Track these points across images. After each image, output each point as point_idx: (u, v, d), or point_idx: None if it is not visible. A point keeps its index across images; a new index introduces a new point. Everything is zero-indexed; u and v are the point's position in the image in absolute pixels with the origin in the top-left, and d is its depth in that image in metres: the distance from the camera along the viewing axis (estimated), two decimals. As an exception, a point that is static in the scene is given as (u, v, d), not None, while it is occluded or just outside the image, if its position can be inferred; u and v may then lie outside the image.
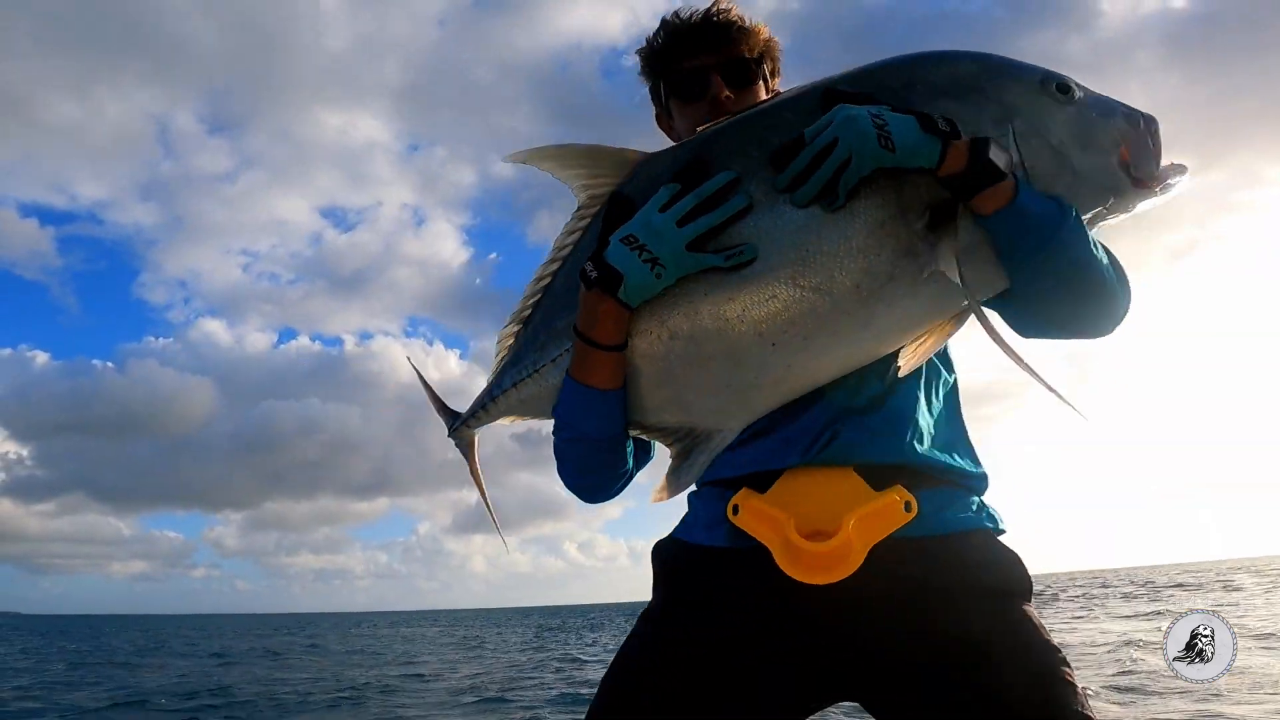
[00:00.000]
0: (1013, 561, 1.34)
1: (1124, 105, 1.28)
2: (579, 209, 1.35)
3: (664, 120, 1.65)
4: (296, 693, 13.13)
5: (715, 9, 1.55)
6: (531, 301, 1.40)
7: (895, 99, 1.20)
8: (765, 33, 1.57)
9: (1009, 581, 1.32)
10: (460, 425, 1.51)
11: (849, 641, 1.27)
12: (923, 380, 1.39)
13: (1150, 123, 1.26)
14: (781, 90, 1.55)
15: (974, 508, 1.36)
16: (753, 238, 1.19)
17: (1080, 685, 1.22)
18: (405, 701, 11.98)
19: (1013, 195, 1.13)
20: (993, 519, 1.37)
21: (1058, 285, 1.21)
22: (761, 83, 1.56)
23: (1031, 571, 1.36)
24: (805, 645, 1.29)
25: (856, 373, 1.29)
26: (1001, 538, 1.38)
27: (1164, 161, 1.26)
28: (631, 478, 1.45)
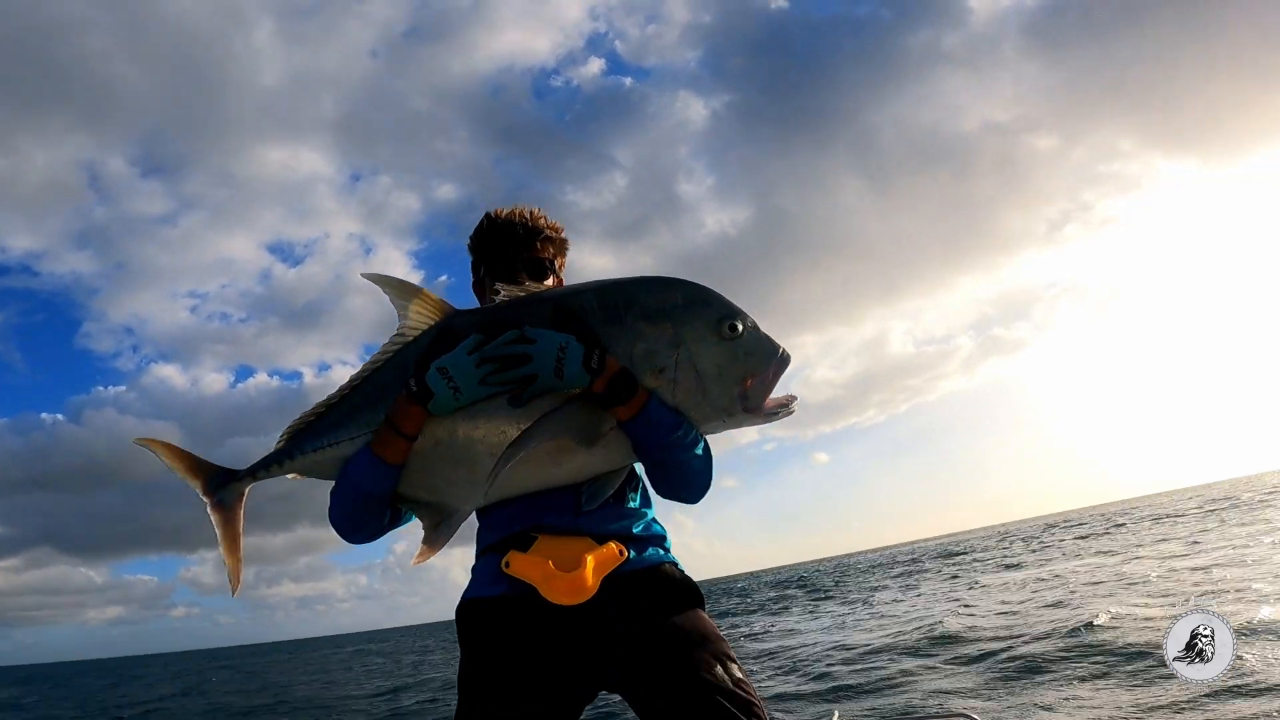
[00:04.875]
0: (690, 583, 1.88)
1: (768, 346, 1.71)
2: (398, 332, 1.72)
3: (478, 286, 2.09)
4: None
5: (529, 217, 2.02)
6: (336, 398, 1.75)
7: (614, 313, 1.65)
8: (561, 234, 2.05)
9: (687, 594, 1.85)
10: (241, 478, 1.76)
11: (597, 645, 1.73)
12: (628, 485, 1.89)
13: (780, 365, 1.70)
14: (564, 274, 2.07)
15: (661, 552, 1.89)
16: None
17: (736, 659, 1.74)
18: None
19: (641, 409, 1.62)
20: (674, 560, 1.91)
21: (663, 472, 1.74)
22: (553, 275, 2.03)
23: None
24: (569, 653, 1.74)
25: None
26: (683, 569, 1.92)
27: (779, 393, 1.71)
28: (387, 531, 1.81)
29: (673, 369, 1.65)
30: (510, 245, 2.00)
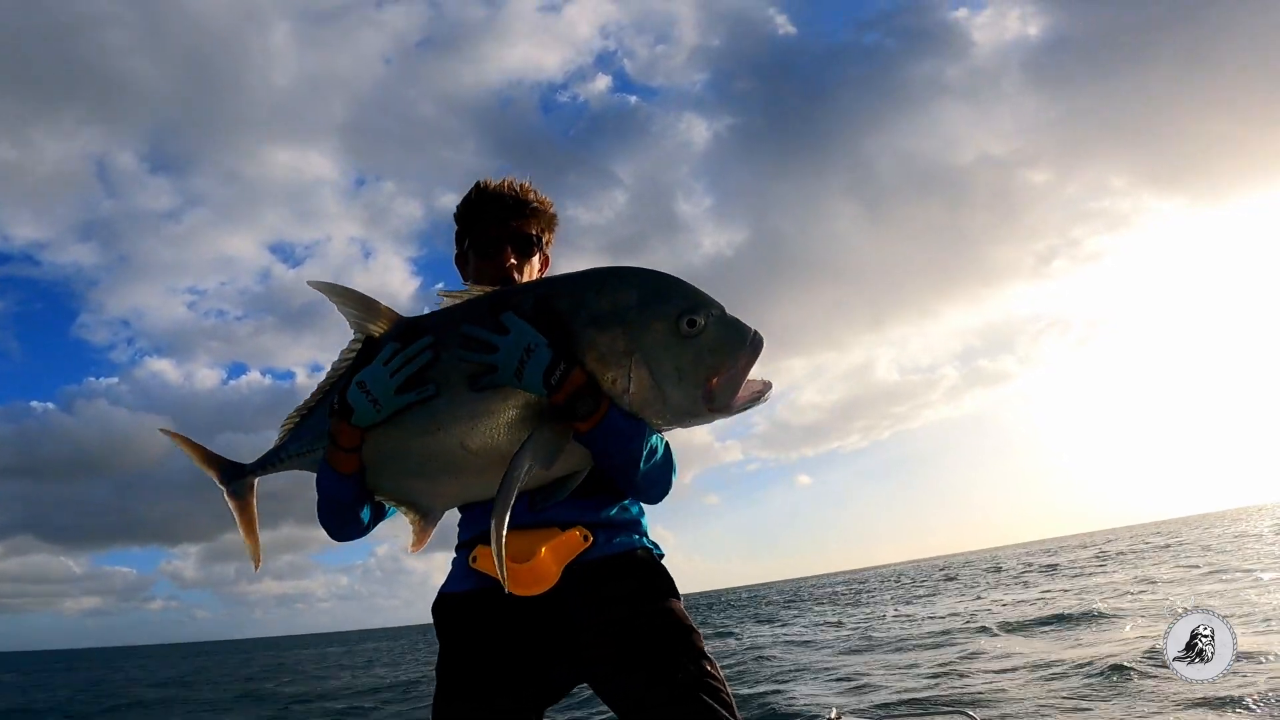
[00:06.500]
0: (662, 571, 1.81)
1: (733, 336, 1.55)
2: (351, 340, 1.69)
3: (460, 260, 2.01)
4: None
5: (518, 188, 1.93)
6: (313, 401, 1.77)
7: (562, 320, 1.55)
8: (550, 209, 1.97)
9: (658, 582, 1.78)
10: (248, 473, 1.82)
11: (562, 635, 1.71)
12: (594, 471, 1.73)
13: (750, 355, 1.54)
14: (549, 253, 2.00)
15: (635, 537, 1.81)
16: (441, 390, 1.58)
17: (708, 649, 1.71)
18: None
19: (598, 422, 1.53)
20: (652, 544, 1.84)
21: (622, 477, 1.65)
22: (539, 252, 1.96)
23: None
24: (536, 646, 1.72)
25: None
26: (662, 559, 1.84)
27: (754, 378, 1.56)
28: (370, 528, 1.78)
29: (626, 378, 1.54)
30: (497, 217, 1.91)
